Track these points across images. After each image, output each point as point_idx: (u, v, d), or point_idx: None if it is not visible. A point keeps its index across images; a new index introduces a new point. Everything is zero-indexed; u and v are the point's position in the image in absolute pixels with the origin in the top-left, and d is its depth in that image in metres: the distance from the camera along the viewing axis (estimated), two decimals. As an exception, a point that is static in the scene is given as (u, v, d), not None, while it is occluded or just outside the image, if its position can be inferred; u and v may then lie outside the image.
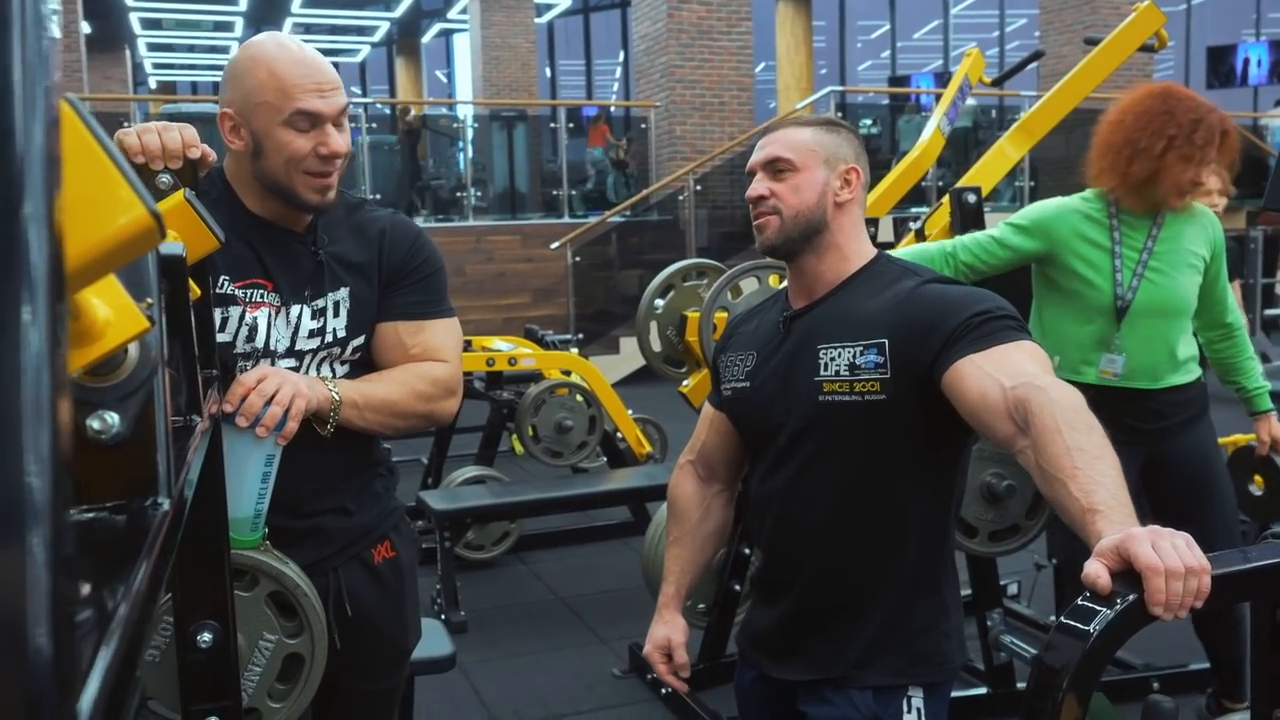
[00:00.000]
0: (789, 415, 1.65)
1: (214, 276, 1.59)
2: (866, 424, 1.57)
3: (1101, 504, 1.18)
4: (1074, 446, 1.25)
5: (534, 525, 4.94)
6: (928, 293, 1.57)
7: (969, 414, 1.44)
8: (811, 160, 1.65)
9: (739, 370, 1.76)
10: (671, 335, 3.25)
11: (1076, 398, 1.33)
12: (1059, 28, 12.86)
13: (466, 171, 11.90)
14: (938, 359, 1.48)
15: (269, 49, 1.60)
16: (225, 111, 1.62)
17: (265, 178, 1.63)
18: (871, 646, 1.62)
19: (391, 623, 1.84)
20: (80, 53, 15.81)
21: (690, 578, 1.85)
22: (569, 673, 3.55)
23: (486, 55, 16.69)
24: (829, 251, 1.67)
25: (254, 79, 1.58)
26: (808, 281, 1.70)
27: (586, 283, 10.44)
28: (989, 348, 1.45)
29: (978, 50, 3.55)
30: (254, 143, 1.60)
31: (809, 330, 1.66)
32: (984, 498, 2.77)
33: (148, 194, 0.51)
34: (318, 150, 1.59)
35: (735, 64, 11.29)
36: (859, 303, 1.62)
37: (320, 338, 1.69)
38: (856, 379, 1.57)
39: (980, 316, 1.48)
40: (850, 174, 1.66)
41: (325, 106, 1.59)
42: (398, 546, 1.85)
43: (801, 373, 1.64)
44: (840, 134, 1.69)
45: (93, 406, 0.71)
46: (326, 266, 1.70)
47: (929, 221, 2.93)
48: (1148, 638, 3.38)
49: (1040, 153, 11.97)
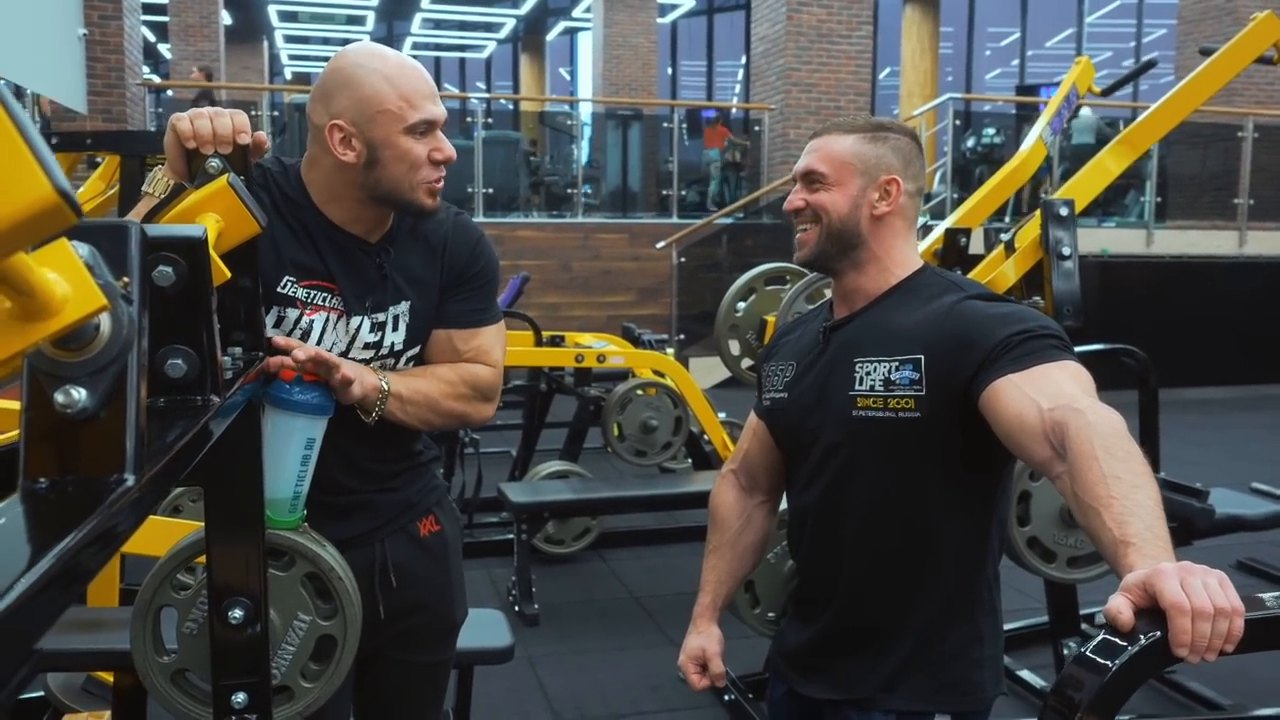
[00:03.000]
0: (823, 429, 1.62)
1: (280, 275, 1.64)
2: (900, 441, 1.53)
3: (1135, 536, 1.12)
4: (1110, 474, 1.19)
5: (615, 523, 4.95)
6: (968, 309, 1.52)
7: (1005, 436, 1.39)
8: (847, 174, 1.61)
9: (779, 380, 1.74)
10: (751, 339, 3.21)
11: (1117, 421, 1.27)
12: (1197, 39, 12.32)
13: (580, 169, 11.99)
14: (976, 378, 1.43)
15: (375, 58, 1.61)
16: (335, 123, 1.60)
17: (379, 187, 1.63)
18: (899, 670, 1.58)
19: (438, 595, 1.87)
20: (219, 42, 16.45)
21: (728, 588, 1.83)
22: (635, 672, 3.54)
23: (608, 54, 16.81)
24: (869, 264, 1.63)
25: (369, 88, 1.59)
26: (848, 293, 1.66)
27: (692, 283, 10.43)
28: (1029, 367, 1.39)
29: (1087, 59, 3.41)
30: (369, 152, 1.61)
31: (847, 343, 1.62)
32: (1064, 521, 2.66)
33: (59, 172, 0.52)
34: (432, 156, 1.63)
35: (854, 68, 11.13)
36: (897, 316, 1.58)
37: (375, 350, 1.71)
38: (891, 395, 1.53)
39: (1021, 335, 1.43)
40: (890, 185, 1.61)
41: (439, 112, 1.64)
42: (442, 521, 1.88)
43: (837, 386, 1.60)
44: (886, 143, 1.63)
45: (61, 380, 0.73)
46: (390, 280, 1.71)
47: (1019, 234, 2.84)
48: (1237, 677, 3.22)
49: (1172, 168, 11.54)
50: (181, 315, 1.04)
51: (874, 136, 1.63)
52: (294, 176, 1.70)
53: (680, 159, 11.77)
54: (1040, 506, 2.58)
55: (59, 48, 7.89)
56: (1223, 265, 10.47)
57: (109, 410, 0.75)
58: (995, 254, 2.91)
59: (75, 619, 2.23)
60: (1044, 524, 2.61)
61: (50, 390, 0.73)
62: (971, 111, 13.24)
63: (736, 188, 12.20)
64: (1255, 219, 11.19)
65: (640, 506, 4.53)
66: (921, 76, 16.50)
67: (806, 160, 1.64)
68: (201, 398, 1.06)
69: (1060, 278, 2.73)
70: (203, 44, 16.13)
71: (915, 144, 1.67)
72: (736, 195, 11.87)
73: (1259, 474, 4.96)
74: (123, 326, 0.75)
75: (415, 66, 1.64)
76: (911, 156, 1.65)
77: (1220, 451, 7.10)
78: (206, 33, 16.16)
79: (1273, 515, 3.65)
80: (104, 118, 8.79)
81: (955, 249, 2.97)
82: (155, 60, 21.48)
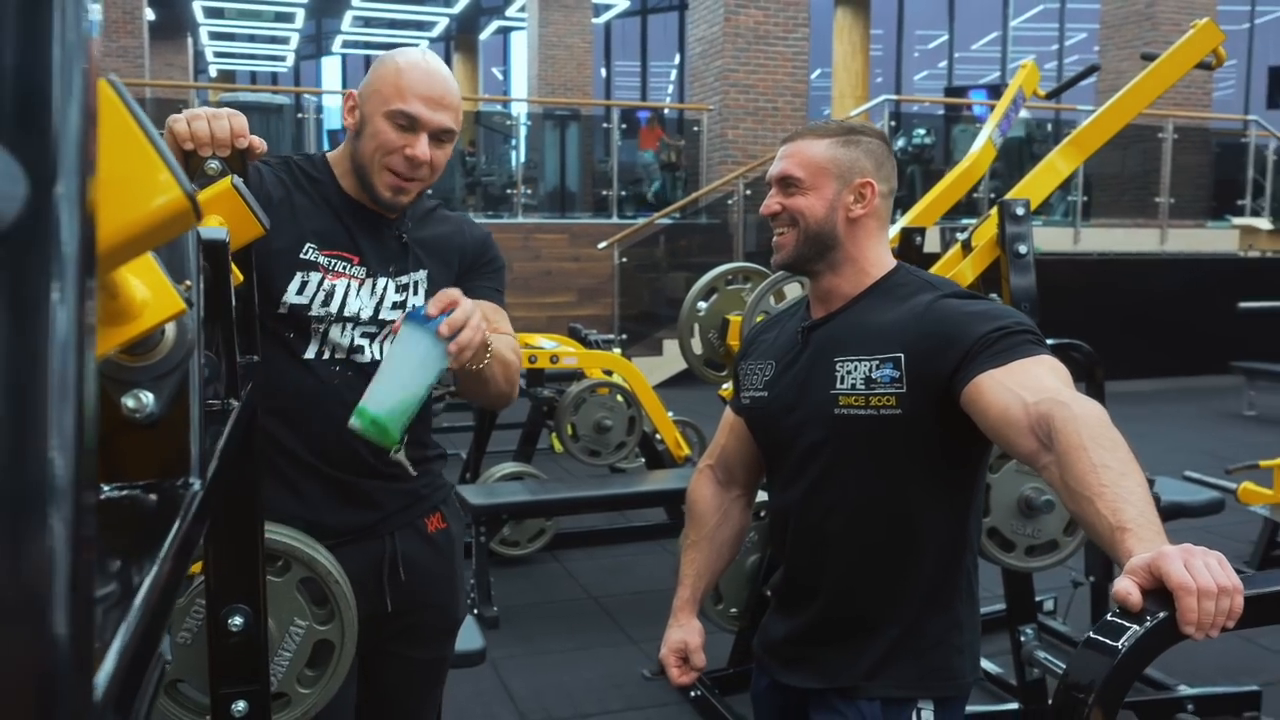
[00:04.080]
0: (805, 427, 1.65)
1: (302, 243, 1.70)
2: (882, 438, 1.57)
3: (1130, 521, 1.17)
4: (1100, 463, 1.23)
5: (570, 524, 4.96)
6: (945, 307, 1.55)
7: (990, 430, 1.42)
8: (822, 178, 1.64)
9: (758, 379, 1.76)
10: (713, 338, 3.24)
11: (1100, 412, 1.31)
12: (1118, 43, 12.69)
13: (518, 169, 11.94)
14: (956, 374, 1.47)
15: (410, 55, 1.71)
16: (350, 92, 1.74)
17: (356, 158, 1.72)
18: (882, 658, 1.61)
19: (444, 591, 1.90)
20: (143, 39, 16.07)
21: (706, 582, 1.86)
22: (598, 672, 3.55)
23: (543, 54, 16.76)
24: (845, 265, 1.66)
25: (383, 70, 1.70)
26: (825, 294, 1.69)
27: (632, 284, 10.46)
28: (1009, 362, 1.43)
29: (1032, 63, 3.50)
30: (359, 123, 1.70)
31: (826, 342, 1.65)
32: (1021, 512, 2.73)
33: (185, 177, 0.52)
34: (404, 151, 1.66)
35: (791, 69, 11.25)
36: (876, 316, 1.62)
37: (403, 310, 1.75)
38: (872, 393, 1.56)
39: (999, 331, 1.47)
40: (865, 188, 1.64)
41: (426, 115, 1.66)
42: (448, 519, 1.90)
43: (818, 385, 1.63)
44: (859, 146, 1.66)
45: (128, 385, 0.72)
46: (410, 248, 1.79)
47: (976, 233, 2.90)
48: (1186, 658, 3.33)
49: (1095, 168, 11.83)
50: (204, 319, 1.03)
51: (847, 140, 1.66)
52: (319, 161, 1.79)
53: (618, 159, 11.79)
54: (1000, 498, 2.64)
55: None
56: (1146, 262, 10.77)
57: (174, 414, 0.75)
58: (952, 253, 2.97)
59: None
60: (1003, 515, 2.67)
61: (116, 395, 0.72)
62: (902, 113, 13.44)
63: (674, 188, 12.24)
64: (1175, 217, 11.55)
65: (598, 507, 4.55)
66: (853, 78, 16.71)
67: (781, 165, 1.67)
68: (222, 402, 1.06)
69: (1017, 275, 2.80)
70: (125, 40, 15.75)
71: (886, 146, 1.71)
72: (674, 195, 11.92)
73: (1190, 463, 5.13)
74: (187, 331, 0.75)
75: (436, 76, 1.69)
76: (883, 158, 1.68)
77: (1152, 442, 7.30)
78: (129, 29, 15.78)
79: (1212, 502, 3.78)
80: (29, 116, 8.55)
81: (911, 247, 3.02)
82: (75, 58, 20.89)
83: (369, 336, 1.75)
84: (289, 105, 11.47)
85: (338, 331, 1.72)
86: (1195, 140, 12.56)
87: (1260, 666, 3.31)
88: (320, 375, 1.71)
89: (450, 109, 1.70)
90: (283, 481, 1.72)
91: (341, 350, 1.73)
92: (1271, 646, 3.68)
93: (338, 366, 1.73)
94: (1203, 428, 8.08)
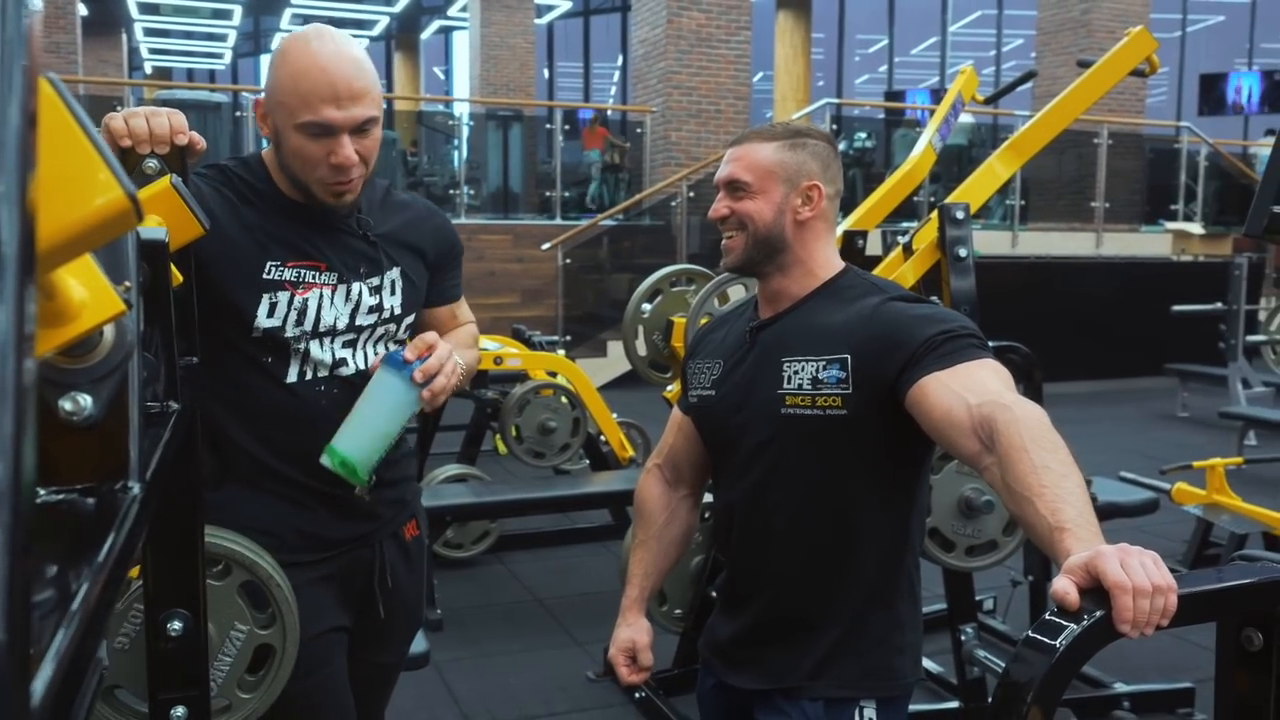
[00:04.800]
0: (751, 426, 1.66)
1: (263, 261, 1.63)
2: (827, 438, 1.58)
3: (1069, 521, 1.18)
4: (1040, 465, 1.25)
5: (514, 525, 4.93)
6: (892, 310, 1.57)
7: (934, 431, 1.44)
8: (770, 181, 1.65)
9: (705, 378, 1.77)
10: (658, 340, 3.25)
11: (1041, 415, 1.33)
12: (1054, 49, 12.93)
13: (460, 169, 11.88)
14: (901, 376, 1.49)
15: (299, 47, 1.57)
16: (257, 99, 1.65)
17: (287, 170, 1.64)
18: (825, 658, 1.63)
19: (416, 597, 1.92)
20: (76, 34, 15.73)
21: (654, 581, 1.86)
22: (543, 674, 3.54)
23: (485, 54, 16.67)
24: (794, 267, 1.67)
25: (279, 75, 1.57)
26: (773, 294, 1.71)
27: (576, 285, 10.44)
28: (953, 365, 1.45)
29: (971, 68, 3.56)
30: (275, 134, 1.61)
31: (773, 342, 1.66)
32: (961, 512, 2.77)
33: (125, 176, 0.51)
34: (329, 160, 1.57)
35: (733, 72, 11.30)
36: (823, 317, 1.63)
37: (378, 314, 1.73)
38: (819, 393, 1.57)
39: (944, 334, 1.49)
40: (812, 190, 1.65)
41: (339, 117, 1.55)
42: (421, 525, 1.93)
43: (764, 384, 1.64)
44: (805, 148, 1.67)
45: (66, 387, 0.71)
46: (380, 247, 1.74)
47: (916, 236, 2.94)
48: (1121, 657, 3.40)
49: (1032, 172, 12.03)
50: (143, 320, 1.01)
51: (794, 143, 1.66)
52: (255, 165, 1.69)
53: (561, 160, 11.78)
54: (940, 498, 2.68)
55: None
56: (1082, 265, 10.98)
57: (112, 417, 0.73)
58: (894, 256, 3.01)
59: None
60: (943, 515, 2.71)
61: (53, 398, 0.71)
62: (843, 116, 13.58)
63: (616, 189, 12.25)
64: (1110, 221, 11.79)
65: (543, 508, 4.53)
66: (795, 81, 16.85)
67: (729, 169, 1.67)
68: (161, 404, 1.04)
69: (957, 278, 2.84)
70: (57, 35, 15.40)
71: (832, 148, 1.72)
72: (617, 197, 11.92)
73: (1125, 464, 5.24)
74: (125, 332, 0.74)
75: (335, 66, 1.55)
76: (829, 160, 1.69)
77: (1087, 443, 7.44)
78: (62, 24, 15.44)
79: (1147, 502, 3.86)
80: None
81: (853, 250, 3.05)
82: (5, 52, 20.42)
83: (350, 345, 1.72)
84: (227, 103, 11.29)
85: (317, 348, 1.67)
86: (1129, 146, 12.85)
87: (1194, 664, 3.39)
88: (305, 398, 1.68)
89: (361, 97, 1.56)
90: (279, 499, 1.70)
91: (325, 367, 1.69)
92: (1204, 644, 3.76)
93: (322, 386, 1.69)
94: (1138, 429, 8.25)
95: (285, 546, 1.69)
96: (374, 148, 1.64)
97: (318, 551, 1.73)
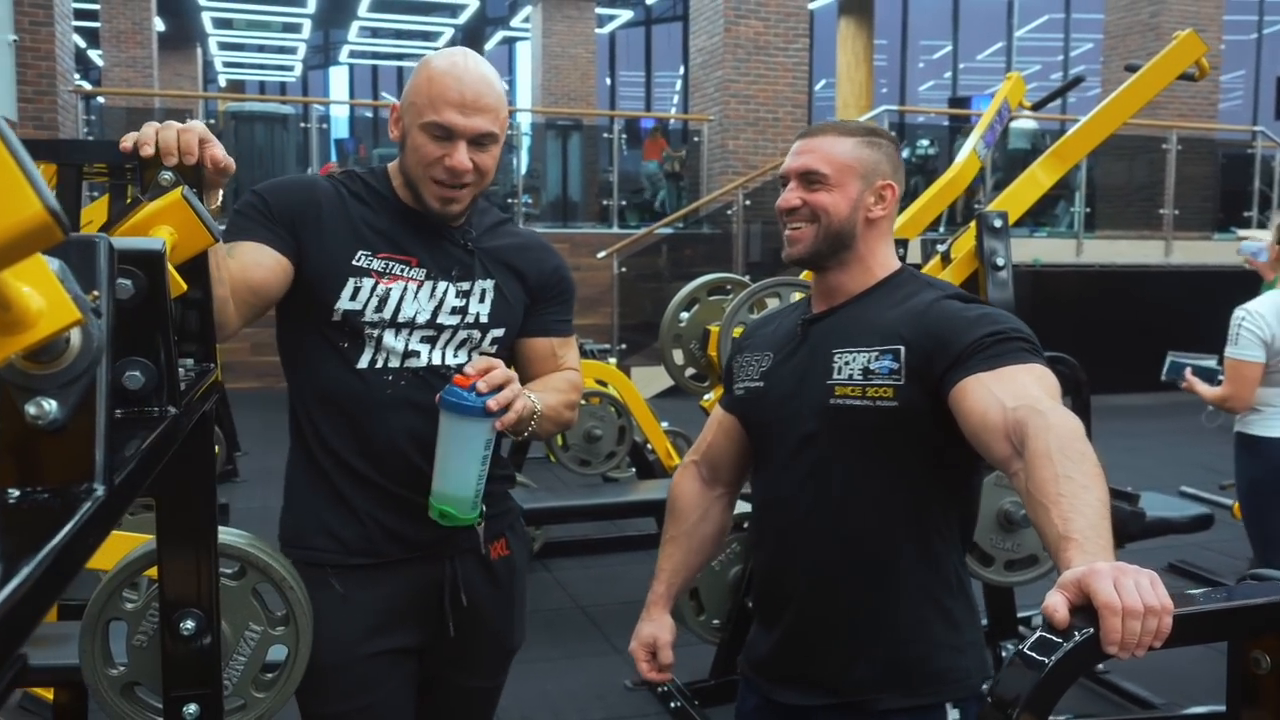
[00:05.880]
0: (799, 418, 1.64)
1: (354, 250, 1.70)
2: (876, 430, 1.56)
3: (1077, 532, 1.16)
4: (1062, 473, 1.22)
5: (559, 532, 4.96)
6: (947, 307, 1.56)
7: (969, 432, 1.42)
8: (848, 176, 1.64)
9: (753, 370, 1.75)
10: (695, 349, 3.25)
11: (1076, 425, 1.31)
12: (1122, 53, 12.69)
13: (519, 178, 11.99)
14: (948, 374, 1.47)
15: (442, 59, 1.68)
16: (394, 104, 1.74)
17: (405, 171, 1.72)
18: (885, 666, 1.58)
19: (501, 620, 1.86)
20: (152, 50, 16.19)
21: (682, 578, 1.85)
22: (581, 681, 3.56)
23: (546, 64, 16.83)
24: (854, 264, 1.66)
25: (417, 79, 1.68)
26: (829, 289, 1.70)
27: (633, 293, 10.47)
28: (998, 368, 1.43)
29: (1018, 75, 3.51)
30: (402, 136, 1.70)
31: (825, 335, 1.65)
32: (1000, 526, 2.74)
33: (48, 191, 0.53)
34: (444, 162, 1.65)
35: (791, 80, 11.27)
36: (878, 311, 1.62)
37: (462, 316, 1.74)
38: (869, 383, 1.55)
39: (994, 336, 1.47)
40: (885, 190, 1.65)
41: (461, 123, 1.64)
42: (512, 546, 1.87)
43: (815, 376, 1.62)
44: (881, 148, 1.67)
45: (31, 392, 0.74)
46: (478, 257, 1.77)
47: (955, 244, 2.91)
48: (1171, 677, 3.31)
49: (1099, 179, 11.83)
50: (140, 328, 1.04)
51: (870, 141, 1.66)
52: (380, 172, 1.79)
53: (620, 169, 11.82)
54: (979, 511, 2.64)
55: (-13, 54, 7.72)
56: (1150, 274, 10.75)
57: (78, 421, 0.76)
58: (932, 264, 2.98)
59: (15, 635, 2.20)
60: (982, 528, 2.68)
61: (20, 402, 0.74)
62: (906, 123, 13.46)
63: (678, 198, 12.28)
64: (1180, 228, 11.52)
65: (587, 516, 4.56)
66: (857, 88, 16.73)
67: (804, 159, 1.65)
68: (159, 409, 1.07)
69: (995, 287, 2.81)
70: (135, 50, 15.87)
71: (899, 151, 1.72)
72: (677, 205, 11.95)
73: (1187, 478, 5.13)
74: (92, 340, 0.76)
75: (469, 79, 1.65)
76: (898, 163, 1.70)
77: (1149, 457, 7.29)
78: (139, 39, 15.91)
79: (1199, 517, 3.77)
80: (35, 125, 8.62)
81: (893, 259, 3.03)
82: (86, 66, 21.07)
83: (428, 341, 1.73)
84: (295, 115, 11.51)
85: (391, 336, 1.70)
86: (1201, 151, 12.55)
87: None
88: (373, 385, 1.70)
89: (486, 111, 1.66)
90: (340, 495, 1.72)
91: (396, 356, 1.71)
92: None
93: (390, 375, 1.71)
94: (1204, 442, 8.05)
95: (345, 548, 1.71)
96: (489, 165, 1.71)
97: (375, 555, 1.72)
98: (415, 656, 1.79)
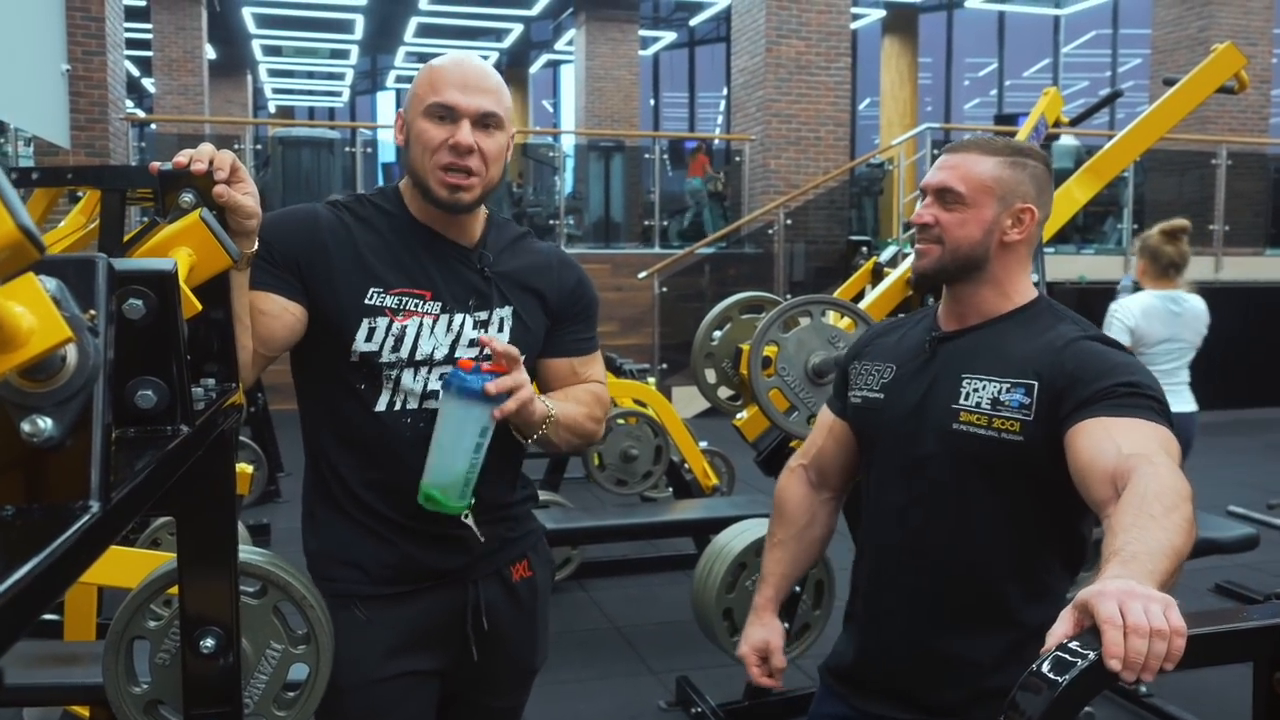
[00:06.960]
0: (918, 437, 1.61)
1: (365, 288, 1.65)
2: (997, 462, 1.53)
3: (1123, 548, 1.14)
4: (1145, 512, 1.20)
5: (596, 552, 4.96)
6: (1087, 348, 1.51)
7: (1075, 469, 1.39)
8: (985, 197, 1.60)
9: (874, 380, 1.72)
10: (727, 368, 3.24)
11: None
12: (1170, 68, 12.50)
13: (561, 199, 12.06)
14: (1074, 412, 1.44)
15: (441, 59, 1.69)
16: (399, 112, 1.72)
17: (412, 171, 1.69)
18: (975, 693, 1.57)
19: (523, 641, 1.84)
20: (203, 77, 16.51)
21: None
22: (614, 702, 3.54)
23: (590, 86, 16.95)
24: (987, 285, 1.63)
25: (418, 79, 1.69)
26: (961, 308, 1.66)
27: (674, 313, 10.47)
28: (1124, 416, 1.39)
29: (1055, 90, 3.47)
30: (406, 136, 1.68)
31: (955, 356, 1.62)
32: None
33: (23, 210, 0.54)
34: (449, 142, 1.62)
35: (833, 99, 11.24)
36: (1013, 341, 1.58)
37: (480, 348, 1.70)
38: (997, 414, 1.52)
39: (1129, 387, 1.43)
40: (1024, 213, 1.61)
41: (462, 100, 1.62)
42: (535, 566, 1.85)
43: (940, 398, 1.60)
44: (1025, 169, 1.62)
45: (27, 410, 0.75)
46: (494, 284, 1.73)
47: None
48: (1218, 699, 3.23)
49: (1148, 195, 11.67)
50: (151, 347, 1.06)
51: (1014, 161, 1.62)
52: (391, 191, 1.76)
53: (662, 189, 11.86)
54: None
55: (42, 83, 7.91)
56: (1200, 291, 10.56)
57: (75, 439, 0.77)
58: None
59: (51, 653, 2.23)
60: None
61: (17, 419, 0.75)
62: (950, 141, 13.37)
63: (720, 217, 12.29)
64: (1231, 244, 11.33)
65: (623, 536, 4.55)
66: (901, 106, 16.69)
67: (942, 176, 1.62)
68: (172, 428, 1.08)
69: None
70: (186, 79, 16.19)
71: (1049, 171, 1.67)
72: (719, 225, 11.96)
73: (1236, 497, 5.01)
74: (89, 358, 0.78)
75: (468, 65, 1.66)
76: (1045, 184, 1.65)
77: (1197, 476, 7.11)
78: (190, 67, 16.23)
79: (1245, 538, 3.69)
80: (87, 152, 8.81)
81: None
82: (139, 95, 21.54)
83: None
84: (340, 140, 11.67)
85: (409, 377, 1.67)
86: (1252, 166, 12.35)
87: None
88: (392, 429, 1.67)
89: (487, 92, 1.64)
90: (363, 528, 1.70)
91: (414, 397, 1.67)
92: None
93: (409, 418, 1.68)
94: (1255, 461, 7.90)
95: (368, 578, 1.70)
96: (495, 152, 1.67)
97: (398, 584, 1.71)
98: (437, 677, 1.78)
